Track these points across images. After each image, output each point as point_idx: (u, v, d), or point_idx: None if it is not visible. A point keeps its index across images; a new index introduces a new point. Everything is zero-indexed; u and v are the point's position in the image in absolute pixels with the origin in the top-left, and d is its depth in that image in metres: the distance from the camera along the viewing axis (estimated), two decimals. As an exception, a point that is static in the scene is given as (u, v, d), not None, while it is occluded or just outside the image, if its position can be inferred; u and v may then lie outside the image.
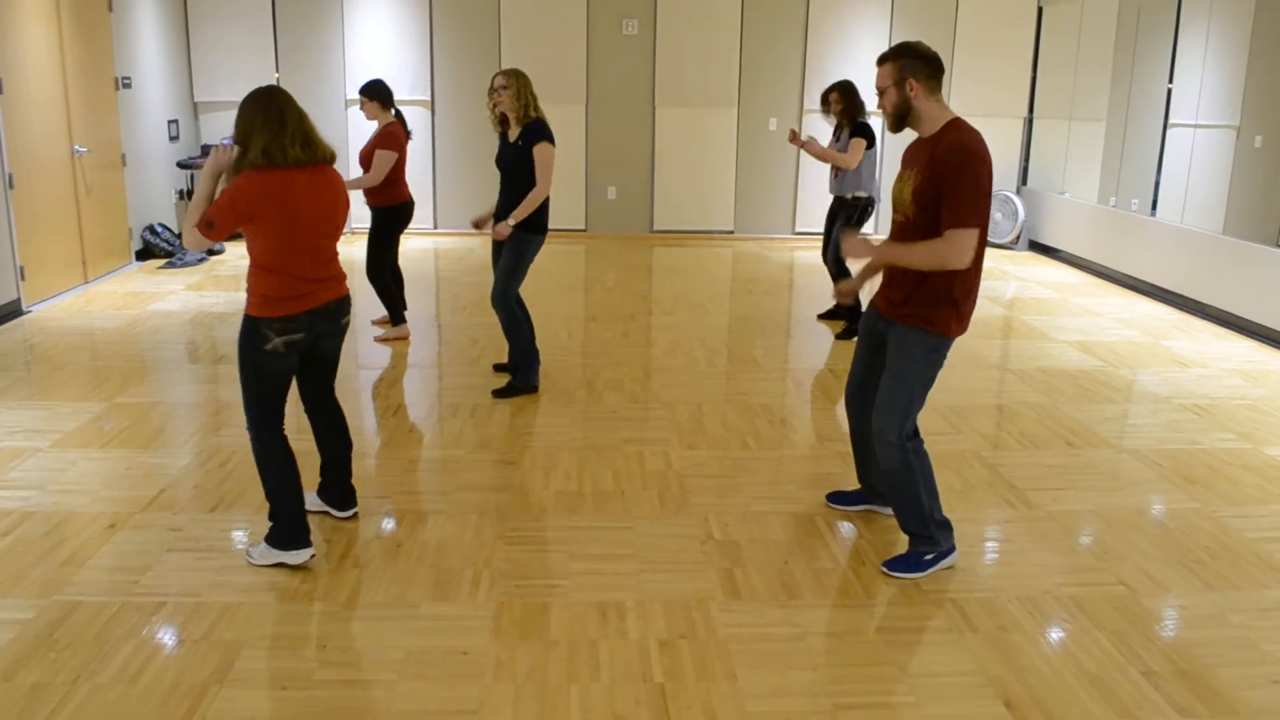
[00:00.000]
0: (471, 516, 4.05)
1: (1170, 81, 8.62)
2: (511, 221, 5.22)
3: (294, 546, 3.58)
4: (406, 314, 6.83)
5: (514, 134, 5.32)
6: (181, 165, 9.96)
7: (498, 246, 5.45)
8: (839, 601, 3.44)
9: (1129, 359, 6.52)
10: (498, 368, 5.94)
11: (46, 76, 7.50)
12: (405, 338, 6.68)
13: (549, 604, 3.38)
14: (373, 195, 6.38)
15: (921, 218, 3.39)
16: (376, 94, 6.39)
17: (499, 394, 5.51)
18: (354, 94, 10.35)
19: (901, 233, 3.50)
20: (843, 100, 6.74)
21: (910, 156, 3.54)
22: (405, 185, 6.47)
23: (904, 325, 3.49)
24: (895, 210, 3.56)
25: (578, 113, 10.70)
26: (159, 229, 9.31)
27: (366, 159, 6.35)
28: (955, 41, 10.69)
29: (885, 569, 3.61)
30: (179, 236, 9.61)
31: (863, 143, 6.63)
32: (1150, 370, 6.28)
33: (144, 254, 9.19)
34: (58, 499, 4.14)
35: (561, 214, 10.85)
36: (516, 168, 5.27)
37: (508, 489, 4.33)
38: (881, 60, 3.49)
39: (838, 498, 4.19)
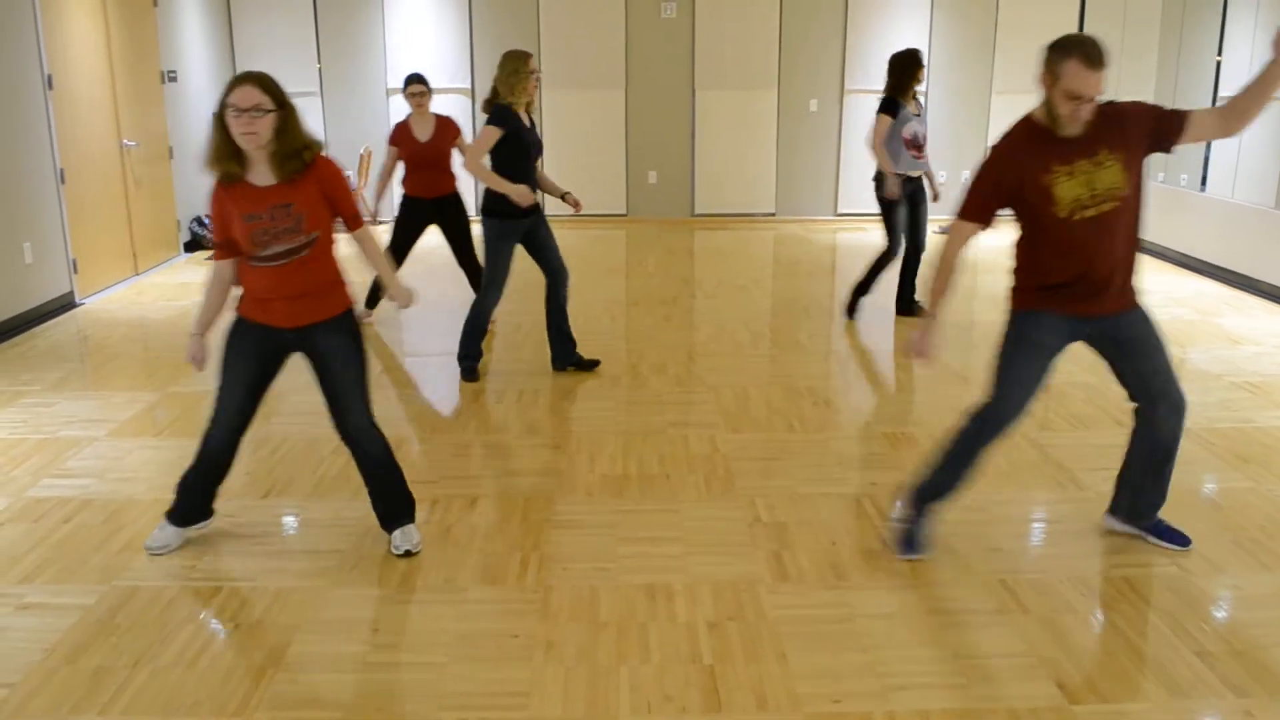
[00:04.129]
0: (519, 501, 4.08)
1: (1219, 54, 8.46)
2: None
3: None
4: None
5: (526, 118, 5.33)
6: (227, 157, 10.06)
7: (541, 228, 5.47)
8: (887, 583, 3.43)
9: (1180, 337, 6.43)
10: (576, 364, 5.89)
11: (94, 72, 7.62)
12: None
13: (597, 587, 3.41)
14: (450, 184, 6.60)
15: (1134, 195, 3.30)
16: None
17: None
18: (394, 83, 10.43)
19: (1116, 217, 3.29)
20: None
21: (1083, 147, 3.27)
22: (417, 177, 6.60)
23: None
24: (1090, 206, 3.26)
25: (617, 97, 10.69)
26: (206, 220, 9.42)
27: (444, 154, 6.54)
28: (998, 20, 10.56)
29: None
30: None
31: None
32: (1202, 348, 6.19)
33: (192, 245, 9.32)
34: (115, 487, 4.22)
35: (602, 199, 10.87)
36: (540, 149, 5.40)
37: (554, 473, 4.35)
38: (1103, 65, 3.23)
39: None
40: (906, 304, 6.90)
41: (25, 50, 6.83)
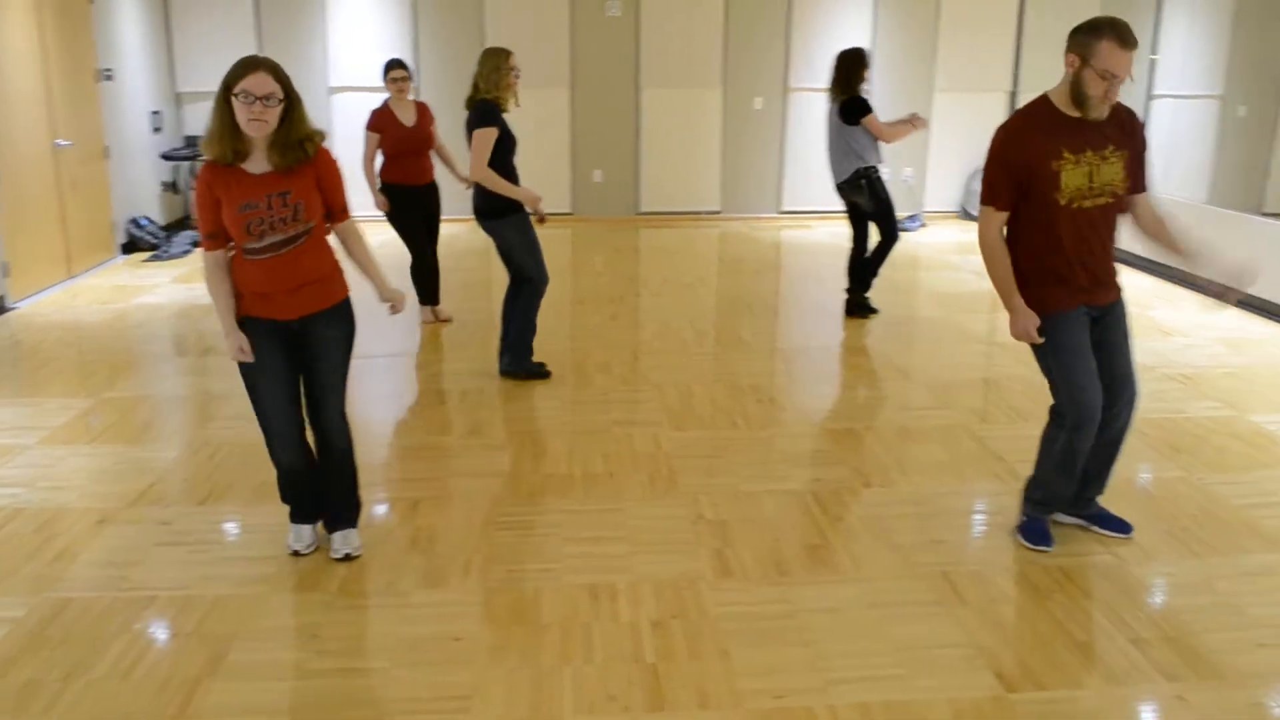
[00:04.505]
0: (461, 503, 4.05)
1: (1154, 53, 8.62)
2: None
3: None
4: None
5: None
6: (165, 157, 9.91)
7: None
8: (829, 578, 3.45)
9: (1116, 330, 6.54)
10: None
11: (27, 70, 7.45)
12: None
13: (541, 588, 3.39)
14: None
15: (1124, 193, 3.43)
16: None
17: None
18: (336, 81, 10.32)
19: (1109, 211, 3.43)
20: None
21: (1095, 138, 3.36)
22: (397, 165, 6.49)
23: None
24: (1087, 197, 3.37)
25: (562, 96, 10.66)
26: (144, 221, 9.27)
27: (429, 139, 6.51)
28: (940, 16, 10.67)
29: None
30: (165, 229, 9.57)
31: None
32: (1135, 341, 6.28)
33: (129, 247, 9.15)
34: (47, 495, 4.13)
35: (548, 197, 10.75)
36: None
37: (498, 474, 4.33)
38: (1135, 45, 3.29)
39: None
40: (862, 304, 6.93)
41: (-49, 49, 6.66)
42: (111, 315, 7.04)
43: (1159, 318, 6.85)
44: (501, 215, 5.27)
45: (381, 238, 6.55)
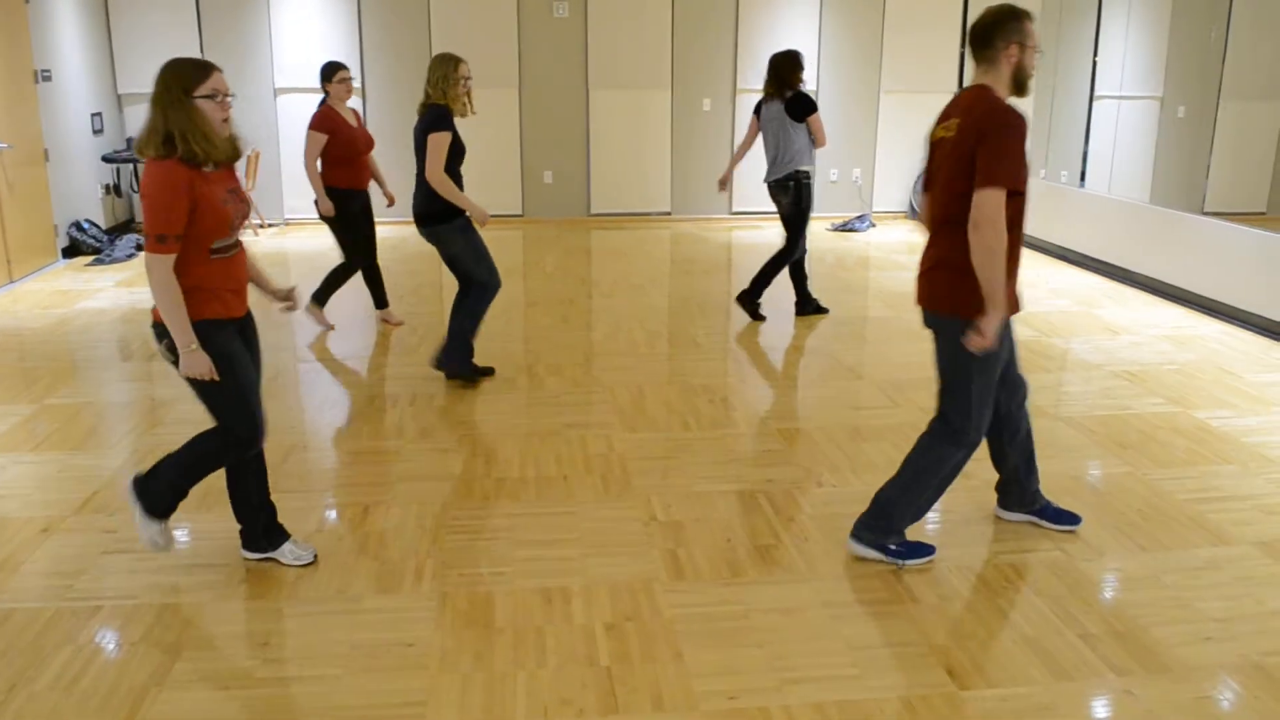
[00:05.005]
0: (413, 507, 4.02)
1: (1095, 54, 8.77)
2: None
3: None
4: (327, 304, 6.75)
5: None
6: (107, 159, 9.74)
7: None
8: (783, 578, 3.46)
9: (1061, 328, 6.64)
10: None
11: (-40, 71, 7.28)
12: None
13: (493, 592, 3.37)
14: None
15: None
16: None
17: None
18: (283, 83, 10.20)
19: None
20: None
21: None
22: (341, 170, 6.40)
23: None
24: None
25: (510, 96, 10.62)
26: (85, 225, 9.10)
27: (371, 142, 6.48)
28: (885, 18, 10.76)
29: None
30: (107, 232, 9.40)
31: None
32: (1082, 339, 6.40)
33: (71, 251, 8.98)
34: (-14, 505, 4.04)
35: (498, 199, 10.78)
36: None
37: (449, 478, 4.30)
38: None
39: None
40: (810, 304, 6.97)
41: (-117, 48, 6.49)
42: (54, 320, 6.90)
43: (1106, 316, 6.96)
44: (442, 220, 5.23)
45: (318, 243, 6.48)
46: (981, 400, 3.37)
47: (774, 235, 10.02)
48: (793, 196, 6.61)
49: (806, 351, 6.22)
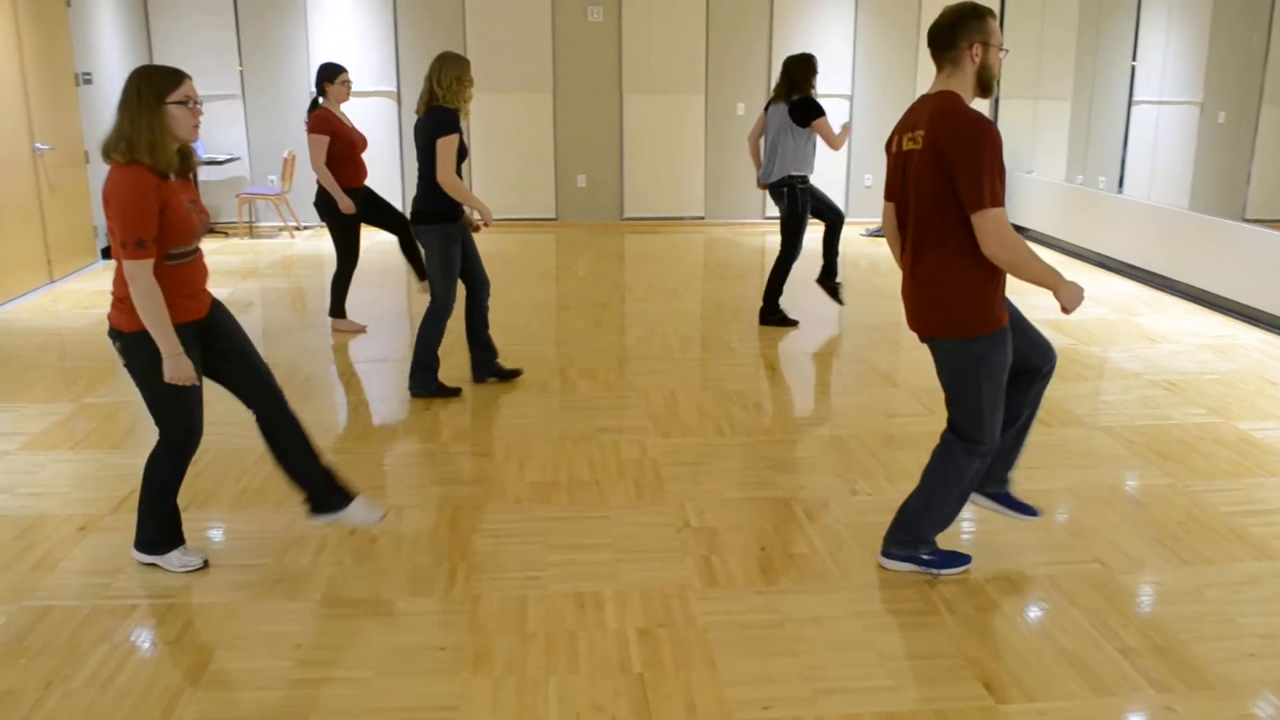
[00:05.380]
0: (446, 510, 4.02)
1: (1134, 59, 8.67)
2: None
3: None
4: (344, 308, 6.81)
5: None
6: (145, 161, 9.83)
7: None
8: (817, 587, 3.44)
9: (1099, 336, 6.56)
10: None
11: (3, 74, 7.38)
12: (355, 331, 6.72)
13: (526, 596, 3.37)
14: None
15: None
16: None
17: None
18: (319, 86, 10.27)
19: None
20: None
21: None
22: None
23: None
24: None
25: (545, 101, 10.64)
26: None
27: (365, 141, 6.50)
28: (921, 21, 10.70)
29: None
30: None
31: None
32: (1121, 347, 6.32)
33: (110, 252, 9.07)
34: (27, 502, 4.08)
35: (531, 203, 10.82)
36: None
37: (482, 481, 4.30)
38: None
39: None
40: (776, 313, 6.94)
41: (-71, 51, 6.59)
42: (93, 320, 6.97)
43: (1146, 324, 6.87)
44: (430, 220, 5.17)
45: (370, 239, 6.52)
46: (992, 407, 3.28)
47: (807, 241, 10.00)
48: (788, 202, 6.59)
49: (841, 358, 6.18)
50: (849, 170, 10.88)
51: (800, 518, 3.95)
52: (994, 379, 3.24)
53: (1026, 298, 7.54)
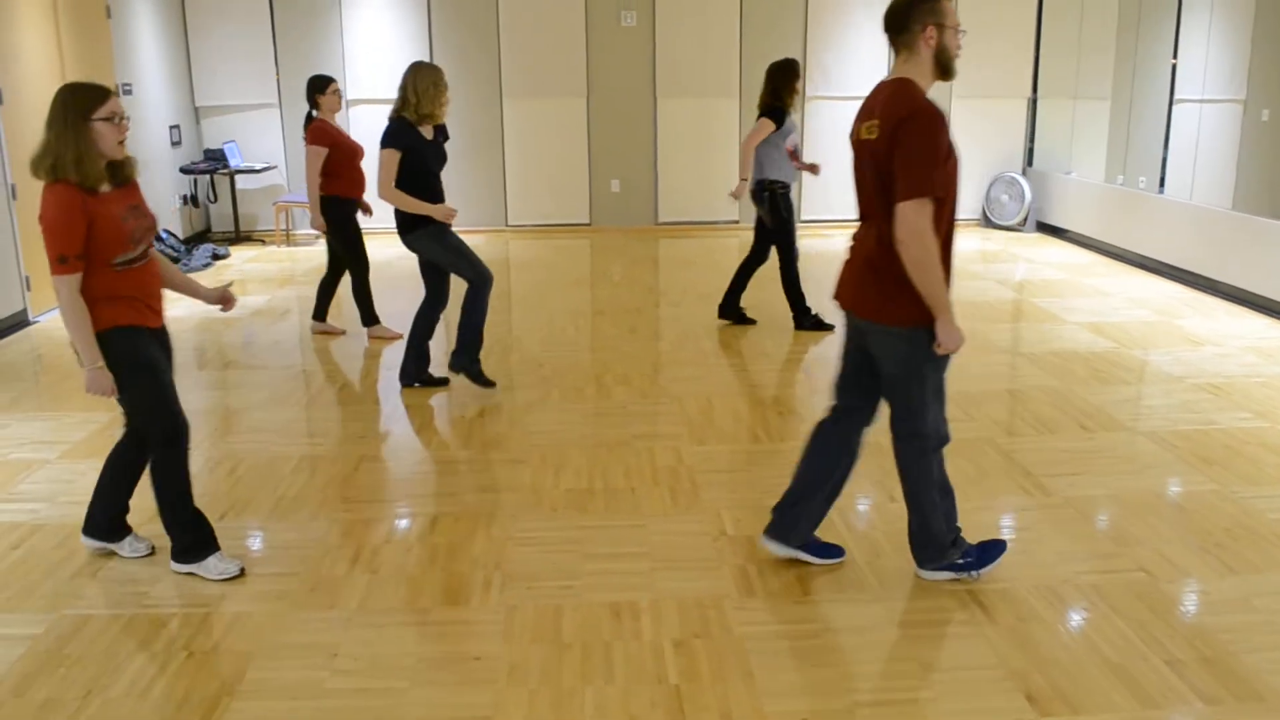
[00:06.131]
0: (481, 518, 4.01)
1: (1174, 57, 8.54)
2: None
3: None
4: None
5: (429, 132, 5.29)
6: (184, 171, 9.94)
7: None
8: (855, 596, 3.39)
9: (1141, 339, 6.46)
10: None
11: (46, 85, 7.47)
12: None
13: (561, 605, 3.35)
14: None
15: None
16: None
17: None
18: (356, 94, 10.34)
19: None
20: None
21: None
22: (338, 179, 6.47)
23: None
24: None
25: (579, 106, 10.64)
26: (164, 235, 9.29)
27: (362, 151, 6.56)
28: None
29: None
30: (184, 242, 9.60)
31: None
32: (1163, 350, 6.22)
33: (149, 260, 9.16)
34: (67, 511, 4.11)
35: (565, 208, 10.83)
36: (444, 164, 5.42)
37: (518, 489, 4.29)
38: None
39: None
40: (735, 309, 6.93)
41: (-27, 64, 6.69)
42: (131, 328, 7.03)
43: (1188, 326, 6.76)
44: (413, 229, 5.28)
45: (388, 252, 6.53)
46: (938, 399, 3.26)
47: (842, 244, 9.93)
48: (768, 207, 6.60)
49: (877, 362, 6.12)
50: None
51: (838, 526, 3.90)
52: (939, 368, 3.25)
53: (1064, 300, 7.45)
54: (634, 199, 10.94)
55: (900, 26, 3.13)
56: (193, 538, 3.56)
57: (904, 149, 3.01)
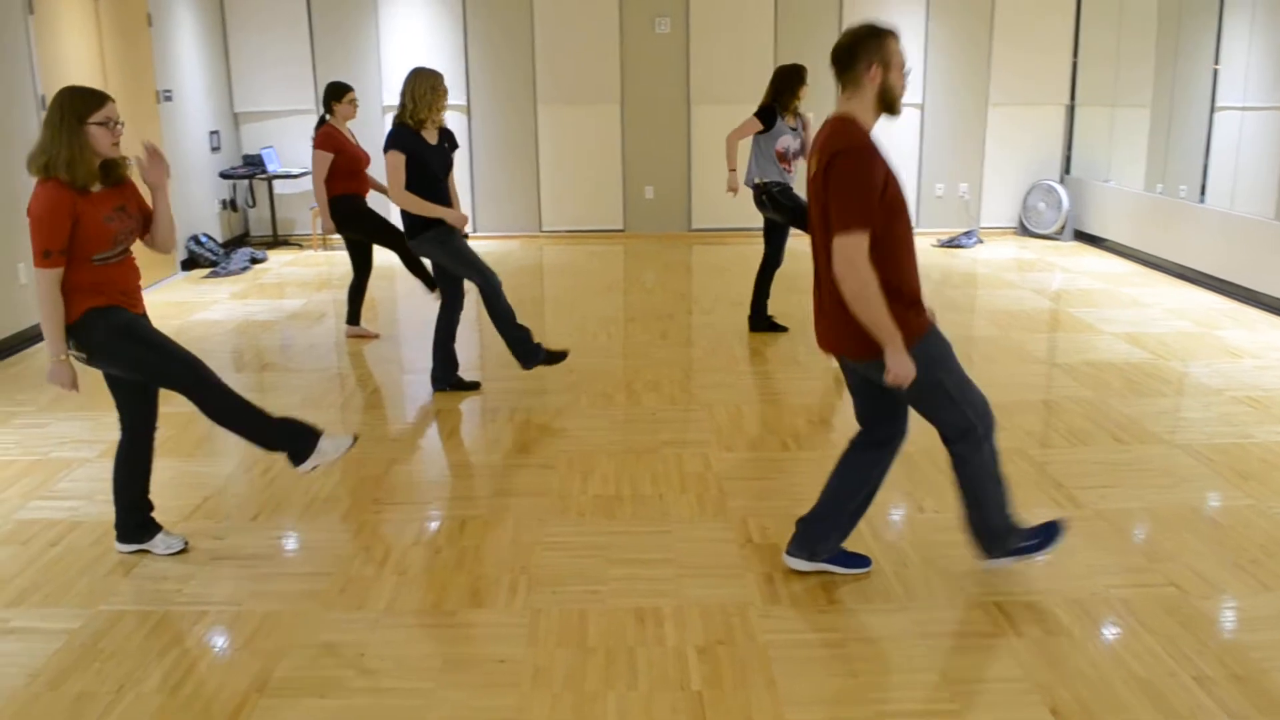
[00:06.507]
0: (509, 522, 4.04)
1: (1216, 63, 8.44)
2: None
3: None
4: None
5: (434, 137, 5.35)
6: (224, 175, 10.07)
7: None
8: (880, 606, 3.38)
9: (1179, 350, 6.39)
10: None
11: (89, 90, 7.61)
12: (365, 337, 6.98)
13: (587, 610, 3.37)
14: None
15: None
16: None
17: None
18: (390, 100, 10.43)
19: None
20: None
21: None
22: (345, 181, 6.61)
23: None
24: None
25: (613, 112, 10.67)
26: (203, 239, 9.42)
27: (368, 157, 6.75)
28: (993, 33, 10.54)
29: None
30: (223, 246, 9.72)
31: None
32: (1201, 362, 6.14)
33: (189, 264, 9.30)
34: (104, 509, 4.18)
35: (599, 214, 10.86)
36: (450, 165, 5.50)
37: (545, 493, 4.32)
38: None
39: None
40: (765, 319, 6.98)
41: (18, 70, 6.82)
42: (171, 331, 7.11)
43: (1228, 338, 6.67)
44: (420, 232, 5.36)
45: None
46: (965, 391, 3.25)
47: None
48: (770, 209, 6.72)
49: (909, 371, 6.09)
50: (920, 179, 10.76)
51: (865, 535, 3.89)
52: (950, 371, 3.24)
53: (1100, 310, 7.38)
54: (667, 205, 10.96)
55: (846, 64, 3.21)
56: (301, 444, 3.77)
57: (835, 184, 3.06)
